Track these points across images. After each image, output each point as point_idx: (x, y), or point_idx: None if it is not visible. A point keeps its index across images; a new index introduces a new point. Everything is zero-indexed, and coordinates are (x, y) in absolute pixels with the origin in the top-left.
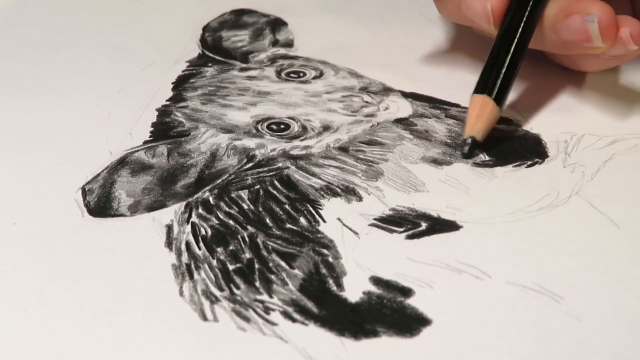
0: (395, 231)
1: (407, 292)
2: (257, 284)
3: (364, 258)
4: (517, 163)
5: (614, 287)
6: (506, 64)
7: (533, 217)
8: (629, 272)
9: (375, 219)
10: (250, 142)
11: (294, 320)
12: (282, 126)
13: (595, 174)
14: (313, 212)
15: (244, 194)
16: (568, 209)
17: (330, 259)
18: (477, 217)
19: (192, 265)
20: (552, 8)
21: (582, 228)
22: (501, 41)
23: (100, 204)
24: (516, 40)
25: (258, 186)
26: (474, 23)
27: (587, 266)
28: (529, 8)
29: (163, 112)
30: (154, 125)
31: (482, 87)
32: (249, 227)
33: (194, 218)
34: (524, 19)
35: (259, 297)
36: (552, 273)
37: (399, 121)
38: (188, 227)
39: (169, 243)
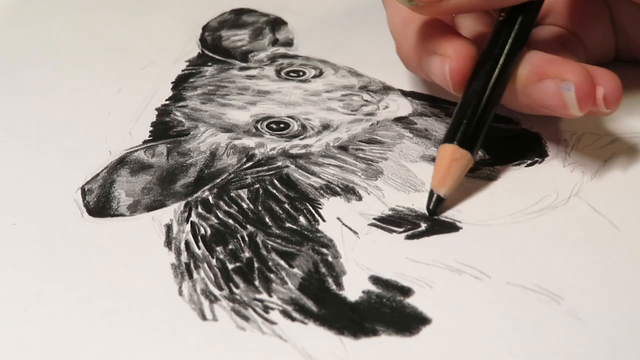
0: (394, 231)
1: (406, 291)
2: (257, 283)
3: (363, 257)
4: (517, 162)
5: (613, 288)
6: (475, 121)
7: (533, 219)
8: (629, 273)
9: (374, 219)
10: (249, 141)
11: (293, 319)
12: (282, 125)
13: (595, 174)
14: (312, 211)
15: (244, 193)
16: (567, 210)
17: (330, 258)
18: (477, 219)
19: (192, 265)
20: (523, 68)
21: (582, 229)
22: (467, 103)
23: (100, 203)
24: (482, 104)
25: (257, 185)
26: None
27: (586, 267)
28: (497, 70)
29: (162, 111)
30: (153, 124)
31: (451, 137)
32: (248, 226)
33: (193, 217)
34: (492, 83)
35: (258, 296)
36: (551, 273)
37: (398, 120)
38: (187, 227)
39: (168, 242)
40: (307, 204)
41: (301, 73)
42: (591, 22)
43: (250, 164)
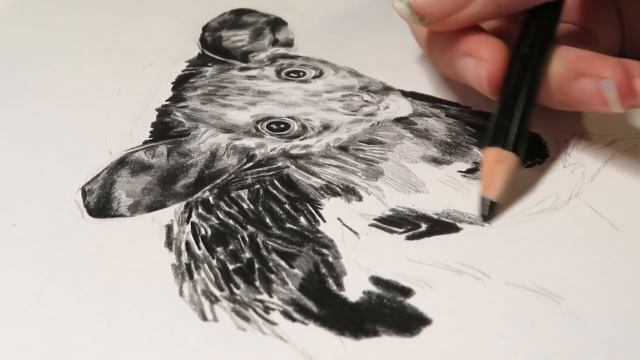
0: (395, 232)
1: (407, 291)
2: (257, 283)
3: (363, 258)
4: None
5: (613, 288)
6: (518, 122)
7: (533, 219)
8: (629, 273)
9: (375, 219)
10: (250, 142)
11: (293, 319)
12: (282, 126)
13: (595, 174)
14: (313, 211)
15: (244, 193)
16: (568, 211)
17: (330, 259)
18: (477, 219)
19: (192, 265)
20: (558, 66)
21: (582, 230)
22: (507, 105)
23: (100, 204)
24: (523, 105)
25: (258, 186)
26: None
27: (586, 267)
28: (531, 70)
29: (163, 112)
30: (153, 125)
31: (494, 139)
32: (248, 226)
33: (193, 218)
34: (528, 82)
35: (258, 296)
36: (552, 274)
37: (399, 120)
38: (188, 227)
39: (168, 243)
40: (308, 205)
41: (301, 73)
42: (601, 19)
43: (250, 164)
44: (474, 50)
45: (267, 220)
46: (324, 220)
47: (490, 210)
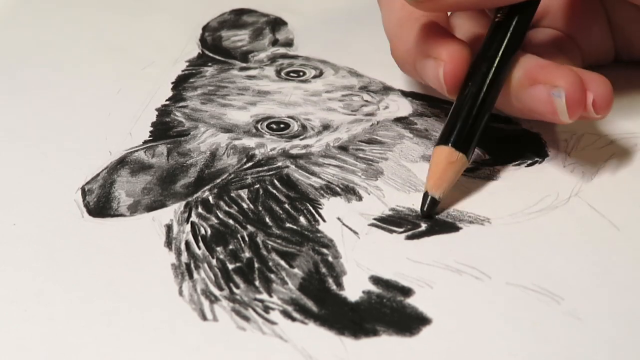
0: (395, 231)
1: (407, 291)
2: (257, 283)
3: (363, 257)
4: (517, 162)
5: (613, 288)
6: (470, 123)
7: (533, 219)
8: (629, 273)
9: (375, 219)
10: (250, 142)
11: (293, 319)
12: (282, 125)
13: (595, 174)
14: (313, 211)
15: (244, 193)
16: (568, 210)
17: (330, 258)
18: (477, 219)
19: (192, 265)
20: (517, 72)
21: (582, 229)
22: (461, 106)
23: (100, 204)
24: (477, 106)
25: (258, 185)
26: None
27: (586, 267)
28: (491, 73)
29: (163, 111)
30: (153, 125)
31: (446, 139)
32: (248, 226)
33: (193, 217)
34: (486, 85)
35: (258, 296)
36: (552, 273)
37: (398, 120)
38: (187, 227)
39: (168, 243)
40: (308, 204)
41: (301, 73)
42: (588, 24)
43: (250, 164)
44: (433, 51)
45: (267, 219)
46: (324, 220)
47: (431, 208)
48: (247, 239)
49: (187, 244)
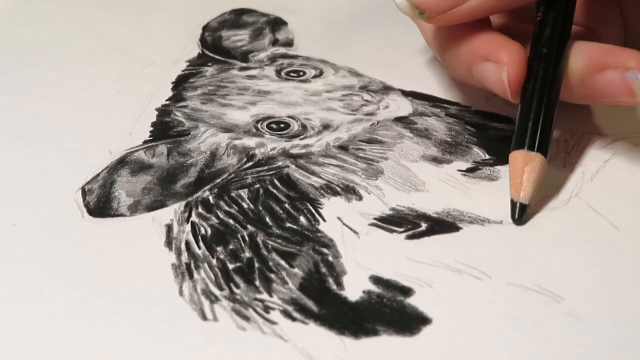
0: (395, 231)
1: (407, 291)
2: (257, 283)
3: (364, 257)
4: None
5: (613, 288)
6: (541, 122)
7: (533, 219)
8: (629, 273)
9: (375, 219)
10: (250, 141)
11: (293, 319)
12: (282, 125)
13: (595, 174)
14: (313, 211)
15: (244, 193)
16: (568, 210)
17: (330, 258)
18: (477, 219)
19: (192, 265)
20: (578, 61)
21: (582, 230)
22: (528, 107)
23: (100, 204)
24: (544, 105)
25: (258, 185)
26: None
27: (586, 267)
28: (551, 69)
29: (163, 111)
30: (153, 124)
31: (520, 143)
32: (248, 226)
33: (193, 217)
34: (549, 82)
35: (258, 296)
36: (552, 274)
37: (399, 120)
38: (188, 227)
39: (168, 242)
40: (308, 204)
41: (301, 73)
42: (604, 19)
43: (250, 164)
44: (492, 54)
45: (267, 219)
46: (324, 220)
47: (522, 214)
48: (247, 238)
49: (187, 243)
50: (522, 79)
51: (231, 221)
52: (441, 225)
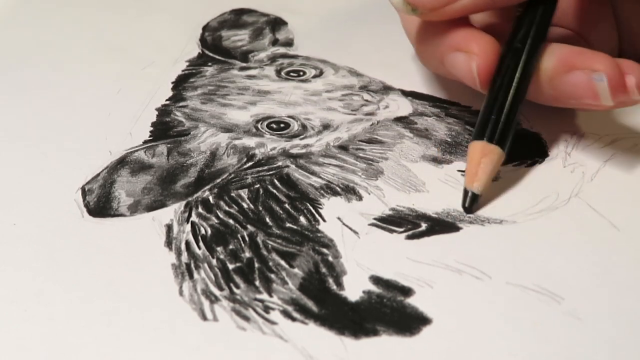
0: (395, 231)
1: (407, 291)
2: (257, 283)
3: (363, 257)
4: (517, 162)
5: (613, 288)
6: (504, 115)
7: (533, 219)
8: (629, 273)
9: (375, 219)
10: (250, 141)
11: (293, 319)
12: (282, 125)
13: (595, 174)
14: (313, 211)
15: (244, 193)
16: (568, 211)
17: (330, 258)
18: (477, 219)
19: (192, 265)
20: (548, 61)
21: (582, 230)
22: (494, 99)
23: (100, 204)
24: (510, 98)
25: (258, 185)
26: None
27: (586, 267)
28: (521, 64)
29: (163, 111)
30: (153, 124)
31: (480, 134)
32: (248, 226)
33: (193, 217)
34: (517, 76)
35: (258, 296)
36: (552, 274)
37: (399, 120)
38: (188, 227)
39: (168, 242)
40: (308, 204)
41: (301, 73)
42: (595, 21)
43: (250, 163)
44: (464, 44)
45: (267, 219)
46: (324, 220)
47: (473, 203)
48: (247, 238)
49: (187, 243)
50: (491, 70)
51: (231, 221)
52: (441, 225)
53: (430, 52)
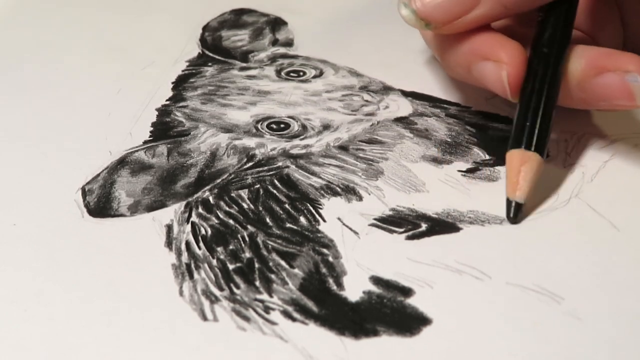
0: (395, 231)
1: (407, 291)
2: (257, 283)
3: (364, 258)
4: None
5: (613, 288)
6: (539, 121)
7: (533, 219)
8: (629, 273)
9: (375, 219)
10: (250, 142)
11: (294, 319)
12: (282, 125)
13: (595, 174)
14: (313, 211)
15: (244, 193)
16: (568, 211)
17: (330, 259)
18: (477, 219)
19: (192, 265)
20: (577, 64)
21: (582, 230)
22: (526, 106)
23: (100, 204)
24: (543, 104)
25: (258, 185)
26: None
27: (586, 267)
28: (550, 68)
29: (163, 111)
30: (153, 125)
31: (517, 142)
32: (249, 226)
33: (193, 218)
34: (548, 82)
35: (259, 296)
36: (552, 274)
37: (399, 120)
38: (188, 227)
39: (168, 243)
40: (308, 204)
41: (301, 73)
42: (603, 22)
43: (250, 164)
44: (492, 53)
45: (267, 220)
46: (324, 220)
47: (517, 212)
48: (247, 239)
49: (188, 244)
50: (521, 78)
51: (231, 221)
52: (441, 225)
53: (455, 61)
